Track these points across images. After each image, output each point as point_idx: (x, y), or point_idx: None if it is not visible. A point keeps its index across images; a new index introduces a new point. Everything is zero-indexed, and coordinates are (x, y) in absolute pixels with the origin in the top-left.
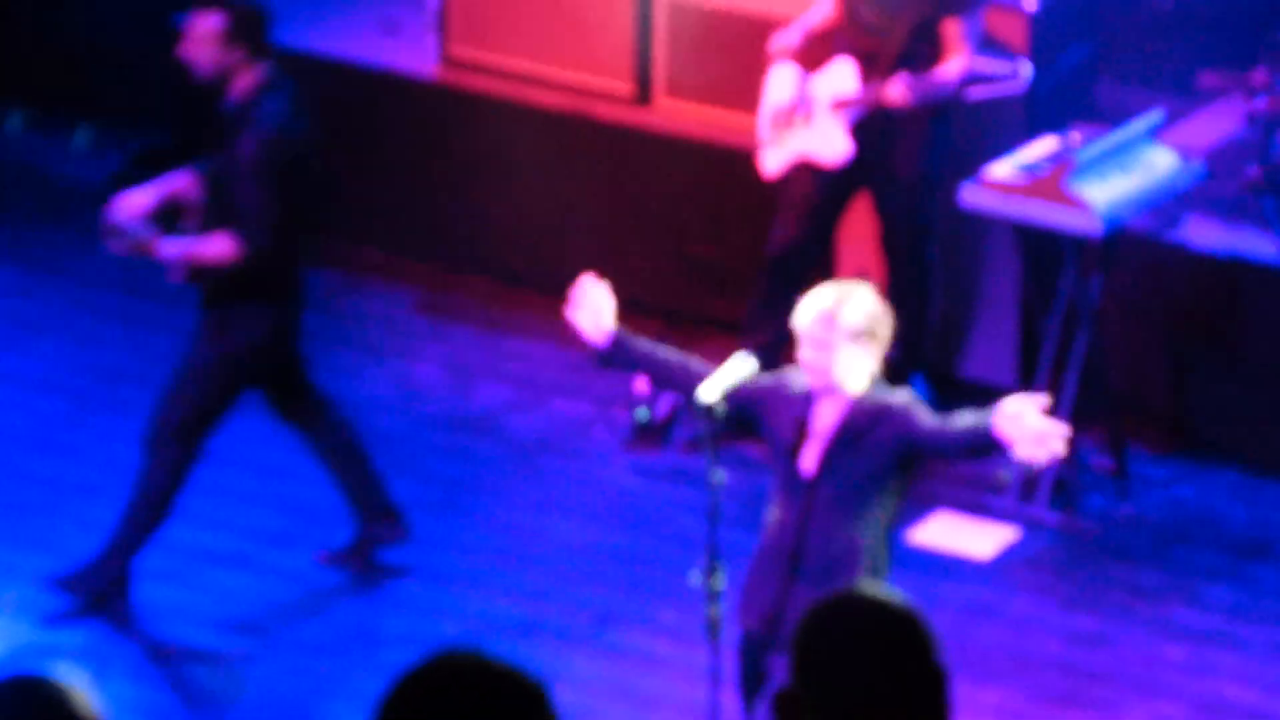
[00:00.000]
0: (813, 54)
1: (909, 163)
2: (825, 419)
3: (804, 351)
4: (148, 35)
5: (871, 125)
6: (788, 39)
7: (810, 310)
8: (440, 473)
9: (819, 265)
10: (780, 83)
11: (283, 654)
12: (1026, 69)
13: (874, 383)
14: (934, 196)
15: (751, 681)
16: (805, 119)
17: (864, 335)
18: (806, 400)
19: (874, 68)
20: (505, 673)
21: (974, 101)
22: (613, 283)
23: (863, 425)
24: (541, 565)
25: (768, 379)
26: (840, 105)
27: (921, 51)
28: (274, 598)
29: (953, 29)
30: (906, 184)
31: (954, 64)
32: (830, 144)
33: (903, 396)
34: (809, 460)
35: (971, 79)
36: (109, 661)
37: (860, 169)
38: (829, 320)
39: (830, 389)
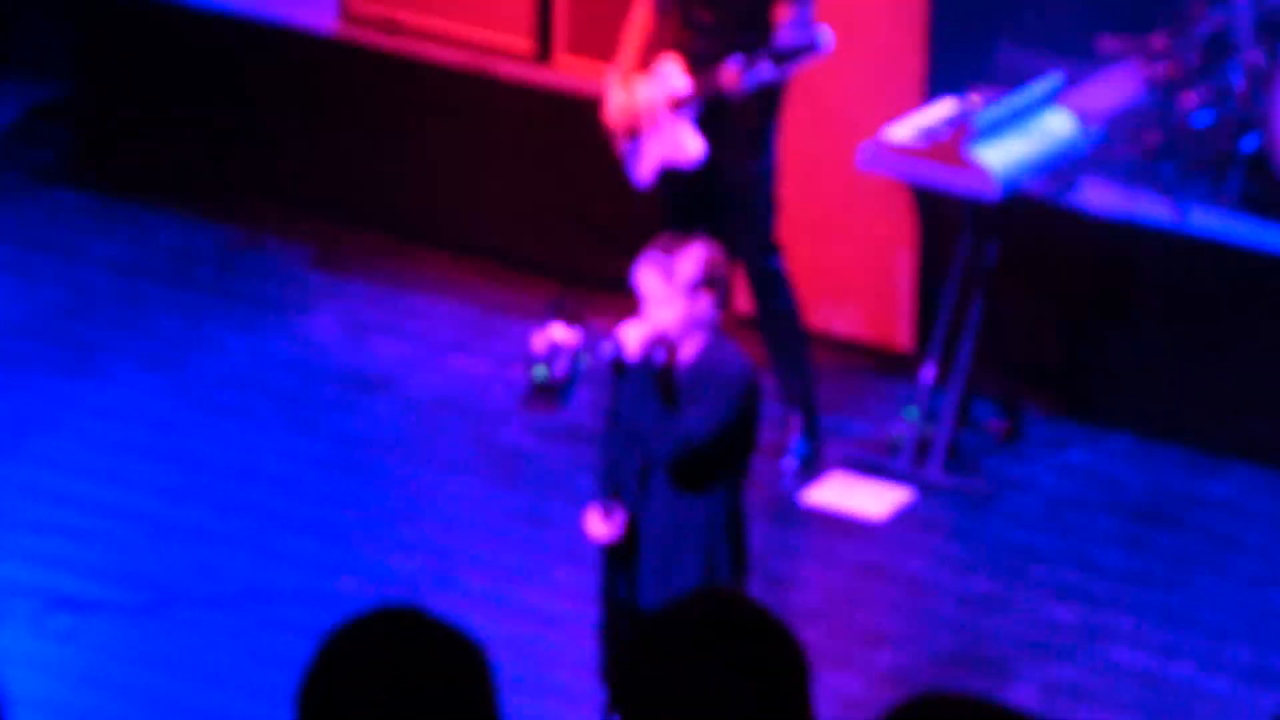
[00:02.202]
0: (648, 65)
1: (743, 159)
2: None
3: (645, 307)
4: None
5: (708, 120)
6: (625, 64)
7: (647, 265)
8: (337, 429)
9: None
10: (615, 102)
11: (178, 609)
12: (827, 35)
13: (717, 337)
14: (770, 196)
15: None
16: (651, 127)
17: (701, 286)
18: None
19: (709, 64)
20: (444, 629)
21: (783, 79)
22: (510, 242)
23: (700, 383)
24: (439, 523)
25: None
26: (677, 104)
27: (752, 41)
28: (169, 553)
29: (783, 13)
30: (743, 181)
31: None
32: (682, 145)
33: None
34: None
35: (781, 53)
36: (5, 613)
37: (709, 166)
38: (668, 273)
39: (683, 342)
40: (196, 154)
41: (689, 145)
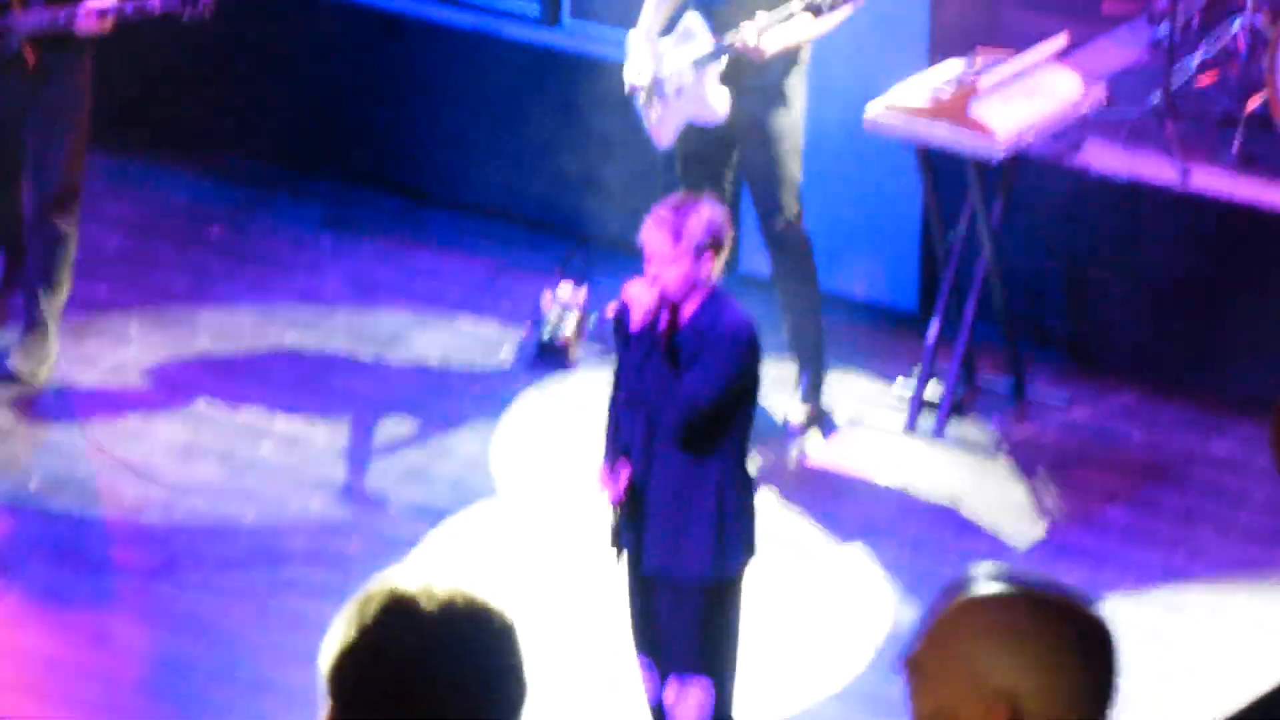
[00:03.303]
0: (665, 21)
1: (767, 117)
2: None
3: (650, 267)
4: None
5: (733, 78)
6: (648, 21)
7: (654, 225)
8: (345, 389)
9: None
10: (637, 60)
11: (188, 569)
12: None
13: (716, 296)
14: (795, 154)
15: (638, 606)
16: (674, 86)
17: (706, 246)
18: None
19: (730, 21)
20: (478, 600)
21: (825, 32)
22: (517, 203)
23: (702, 342)
24: (446, 483)
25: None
26: (701, 61)
27: None
28: (179, 513)
29: None
30: (776, 138)
31: (803, 20)
32: (708, 103)
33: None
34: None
35: (816, 6)
36: (16, 573)
37: (732, 125)
38: (675, 233)
39: (685, 303)
40: (205, 114)
41: (715, 103)
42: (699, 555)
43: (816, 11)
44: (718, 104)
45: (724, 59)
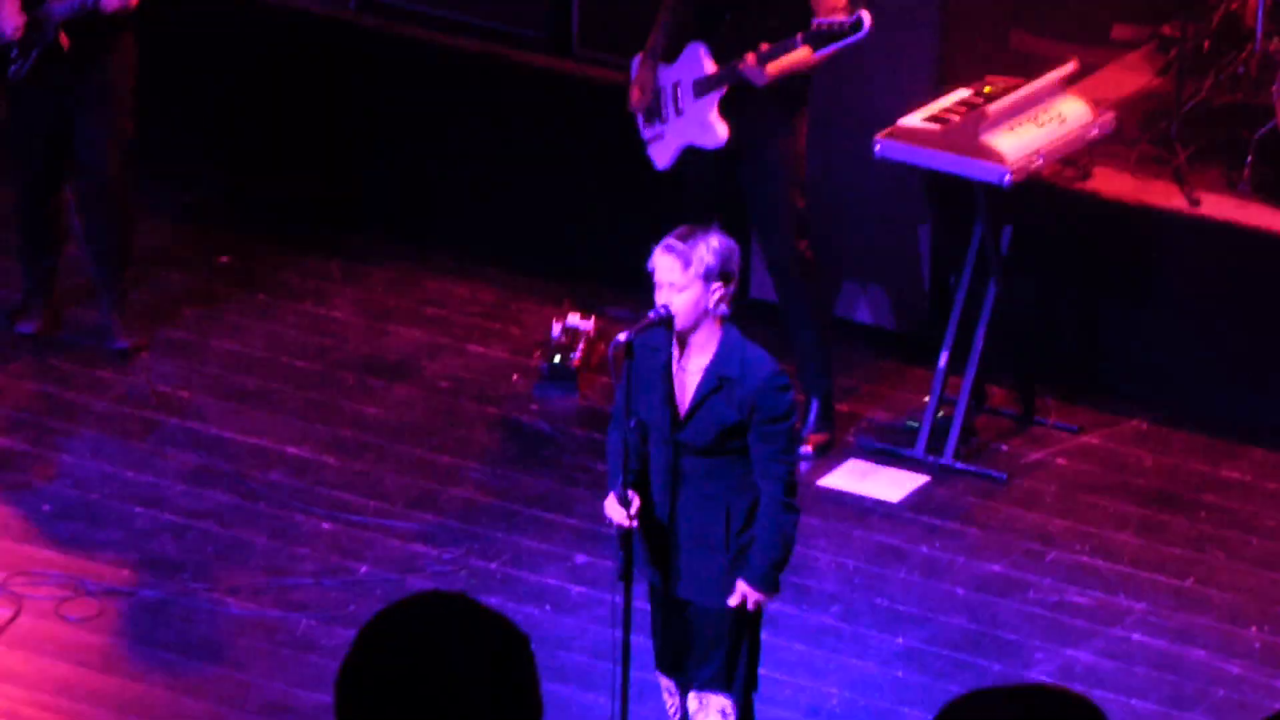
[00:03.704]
0: (671, 48)
1: (768, 144)
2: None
3: (659, 294)
4: None
5: (735, 105)
6: (652, 47)
7: (664, 253)
8: (354, 415)
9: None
10: (641, 81)
11: (199, 593)
12: (867, 17)
13: (729, 336)
14: (797, 180)
15: (660, 626)
16: (676, 110)
17: (715, 274)
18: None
19: (734, 49)
20: (492, 616)
21: (825, 60)
22: (527, 230)
23: (726, 375)
24: (456, 508)
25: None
26: (703, 87)
27: (785, 26)
28: (190, 538)
29: None
30: (776, 164)
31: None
32: (707, 128)
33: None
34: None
35: (817, 37)
36: (27, 597)
37: (733, 151)
38: (684, 261)
39: (693, 333)
40: (213, 142)
41: (714, 129)
42: (727, 582)
43: (816, 43)
44: (718, 129)
45: (726, 85)
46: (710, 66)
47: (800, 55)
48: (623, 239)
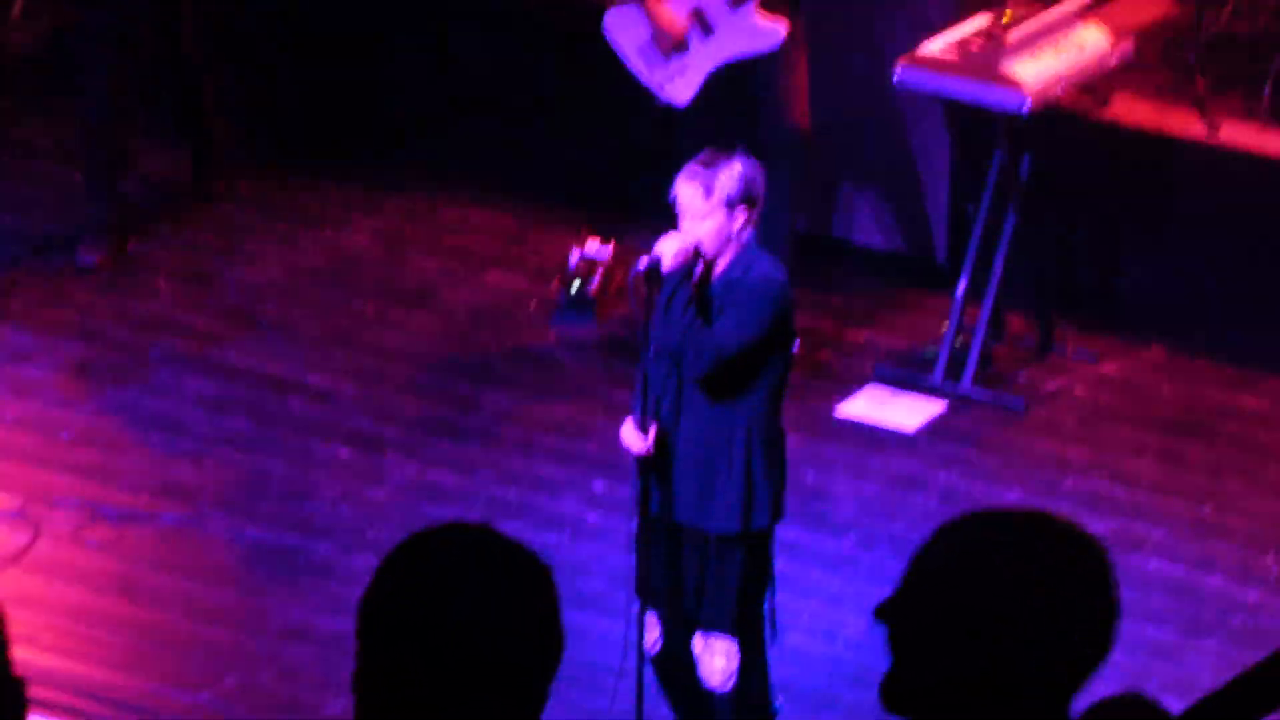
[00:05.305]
0: None
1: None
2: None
3: (684, 222)
4: None
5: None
6: None
7: (687, 179)
8: (372, 343)
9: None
10: (623, 24)
11: (216, 518)
12: None
13: (749, 249)
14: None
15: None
16: (705, 31)
17: (739, 200)
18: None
19: None
20: (514, 547)
21: None
22: (545, 159)
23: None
24: (473, 435)
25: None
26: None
27: None
28: (208, 464)
29: None
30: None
31: None
32: (757, 32)
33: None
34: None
35: None
36: (45, 523)
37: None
38: (707, 188)
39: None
40: (235, 74)
41: (770, 28)
42: (726, 508)
43: None
44: (775, 27)
45: None
46: None
47: None
48: (643, 165)
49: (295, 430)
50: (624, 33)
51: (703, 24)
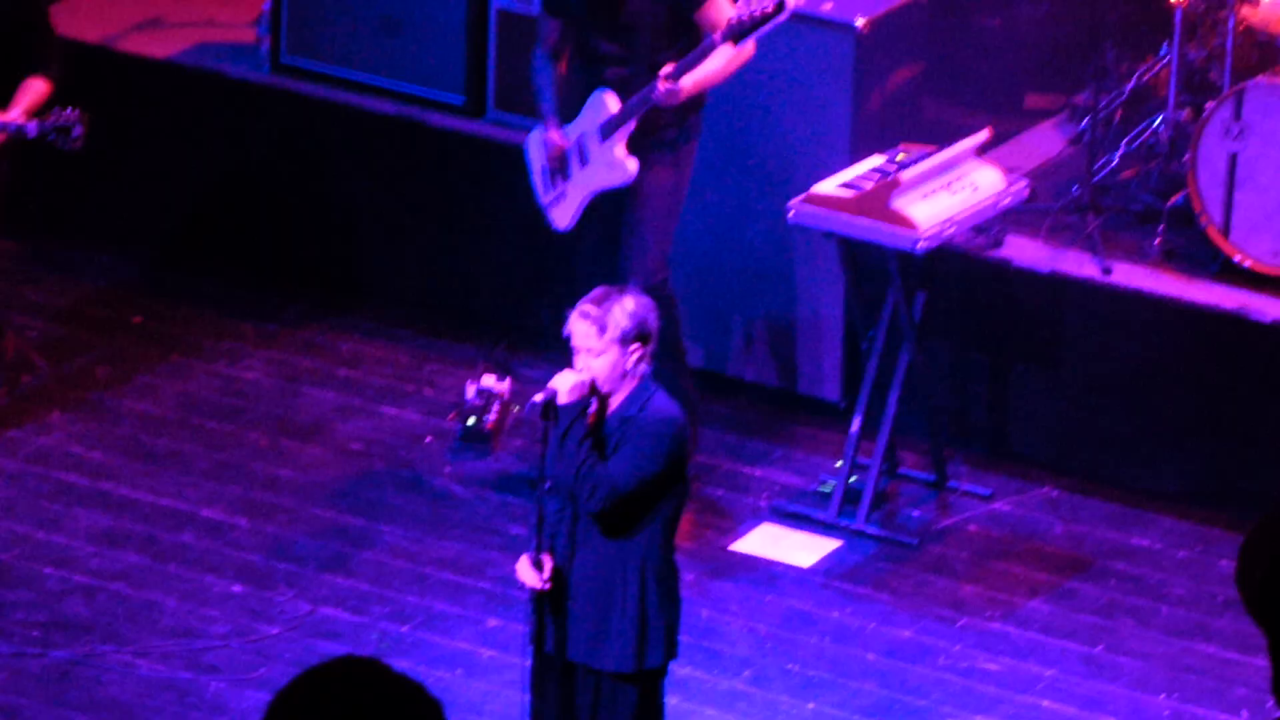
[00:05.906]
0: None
1: (658, 174)
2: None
3: (578, 359)
4: None
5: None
6: (546, 111)
7: (580, 317)
8: (267, 477)
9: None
10: (536, 145)
11: (108, 655)
12: None
13: (644, 385)
14: (674, 214)
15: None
16: (581, 162)
17: (632, 337)
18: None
19: (628, 89)
20: (405, 683)
21: (746, 62)
22: (443, 292)
23: (627, 430)
24: (367, 570)
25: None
26: (609, 127)
27: (671, 53)
28: (100, 598)
29: (714, 11)
30: (648, 196)
31: (722, 52)
32: (614, 166)
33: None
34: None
35: (738, 30)
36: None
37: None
38: (600, 325)
39: (615, 395)
40: (124, 202)
41: (624, 164)
42: (620, 647)
43: (736, 36)
44: (628, 164)
45: (635, 118)
46: (615, 105)
47: (720, 58)
48: (539, 300)
49: (188, 565)
50: (535, 151)
51: (581, 152)
